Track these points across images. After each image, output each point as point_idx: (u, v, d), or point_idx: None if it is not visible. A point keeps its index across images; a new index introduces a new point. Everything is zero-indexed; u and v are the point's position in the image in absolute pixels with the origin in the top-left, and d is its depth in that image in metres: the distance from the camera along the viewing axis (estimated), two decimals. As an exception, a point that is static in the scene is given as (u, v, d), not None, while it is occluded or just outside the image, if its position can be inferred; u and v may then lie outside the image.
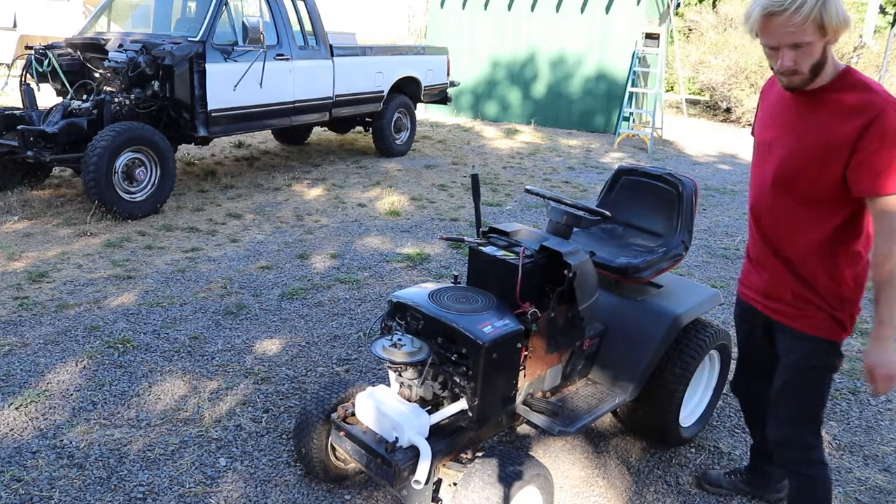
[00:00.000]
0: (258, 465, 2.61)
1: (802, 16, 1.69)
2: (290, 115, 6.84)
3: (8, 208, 5.47)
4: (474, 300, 2.31)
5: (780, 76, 1.85)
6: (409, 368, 2.19)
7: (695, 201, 2.85)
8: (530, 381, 2.43)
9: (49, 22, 12.05)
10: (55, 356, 3.31)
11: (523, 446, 2.82)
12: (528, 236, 2.47)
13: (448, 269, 4.76)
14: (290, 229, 5.46)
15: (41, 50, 5.90)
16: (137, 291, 4.11)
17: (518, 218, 6.15)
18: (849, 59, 12.40)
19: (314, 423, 2.38)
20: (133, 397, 3.01)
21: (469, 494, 2.02)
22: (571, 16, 11.26)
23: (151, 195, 5.50)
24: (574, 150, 9.66)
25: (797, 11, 1.69)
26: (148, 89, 5.74)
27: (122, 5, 7.08)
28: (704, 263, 5.22)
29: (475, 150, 9.25)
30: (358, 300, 4.18)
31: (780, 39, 1.75)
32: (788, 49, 1.76)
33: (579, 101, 11.49)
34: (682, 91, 13.75)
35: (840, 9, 1.72)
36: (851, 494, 2.66)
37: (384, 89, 7.98)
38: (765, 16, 1.74)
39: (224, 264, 4.64)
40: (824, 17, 1.69)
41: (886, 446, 3.00)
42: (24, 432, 2.72)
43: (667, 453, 2.85)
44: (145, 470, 2.55)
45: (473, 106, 12.39)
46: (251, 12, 6.38)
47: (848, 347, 3.93)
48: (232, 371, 3.28)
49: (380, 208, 6.19)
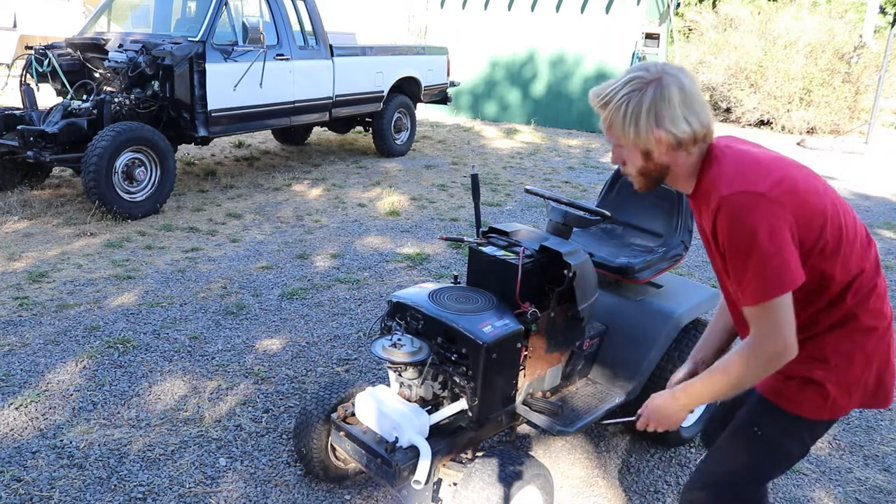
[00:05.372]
0: (258, 465, 2.61)
1: (605, 114, 1.53)
2: (290, 115, 6.84)
3: (8, 208, 5.47)
4: (474, 300, 2.31)
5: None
6: (409, 368, 2.19)
7: (695, 201, 2.84)
8: (530, 381, 2.44)
9: (49, 22, 12.05)
10: (55, 356, 3.31)
11: (523, 446, 2.82)
12: (528, 236, 2.47)
13: (448, 269, 4.75)
14: (290, 229, 5.46)
15: (41, 50, 5.90)
16: (137, 291, 4.11)
17: (518, 218, 6.14)
18: (849, 58, 12.40)
19: (314, 423, 2.38)
20: (133, 397, 3.01)
21: (469, 494, 2.02)
22: (571, 16, 11.26)
23: (151, 195, 5.50)
24: (574, 150, 9.66)
25: (603, 108, 1.53)
26: (148, 89, 5.74)
27: (122, 5, 7.08)
28: (704, 263, 5.22)
29: (475, 150, 9.24)
30: (358, 300, 4.18)
31: (605, 131, 1.58)
32: (614, 144, 1.58)
33: (579, 101, 11.48)
34: (682, 91, 13.73)
35: (656, 121, 1.47)
36: (851, 494, 2.66)
37: (384, 89, 7.97)
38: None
39: (224, 264, 4.64)
40: (626, 124, 1.49)
41: (886, 446, 3.00)
42: (24, 432, 2.72)
43: (667, 453, 2.85)
44: (145, 470, 2.55)
45: (473, 106, 12.39)
46: (251, 12, 6.38)
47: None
48: (232, 371, 3.28)
49: (380, 208, 6.18)
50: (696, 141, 1.51)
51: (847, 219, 1.54)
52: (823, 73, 12.34)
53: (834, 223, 1.50)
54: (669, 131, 1.47)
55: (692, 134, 1.49)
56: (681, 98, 1.47)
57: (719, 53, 13.59)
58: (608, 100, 1.51)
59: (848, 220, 1.55)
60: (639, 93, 1.48)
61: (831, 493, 2.67)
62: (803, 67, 12.40)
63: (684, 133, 1.48)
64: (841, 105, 12.34)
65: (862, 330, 1.54)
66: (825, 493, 2.66)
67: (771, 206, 1.41)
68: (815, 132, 12.50)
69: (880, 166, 9.81)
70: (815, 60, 12.39)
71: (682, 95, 1.47)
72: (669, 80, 1.47)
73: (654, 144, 1.50)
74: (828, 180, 6.64)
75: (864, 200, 7.63)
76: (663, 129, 1.47)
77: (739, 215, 1.42)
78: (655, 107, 1.46)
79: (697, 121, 1.49)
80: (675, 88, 1.47)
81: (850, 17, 14.04)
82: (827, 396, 1.54)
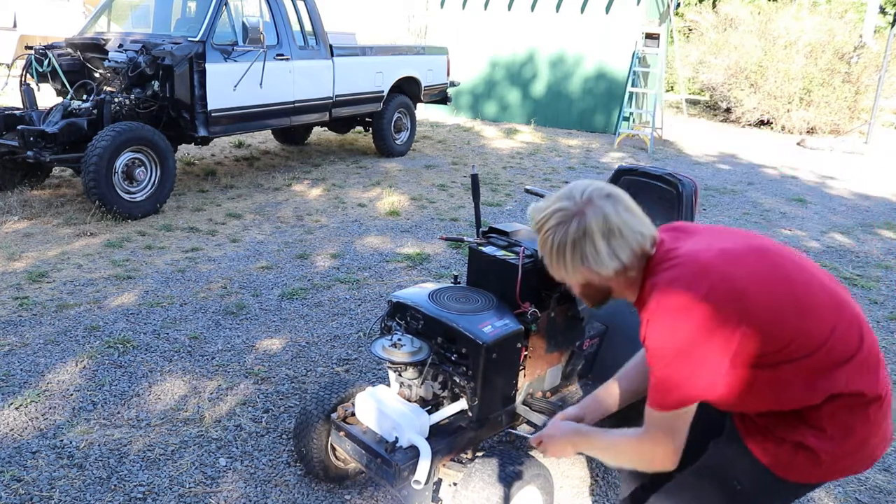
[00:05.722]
0: (258, 465, 2.61)
1: (539, 239, 1.50)
2: (290, 115, 6.84)
3: (8, 208, 5.47)
4: (474, 300, 2.31)
5: None
6: (409, 368, 2.19)
7: (695, 201, 2.85)
8: (530, 381, 2.44)
9: (49, 22, 12.05)
10: (55, 356, 3.31)
11: (523, 446, 2.82)
12: (528, 236, 2.47)
13: (448, 269, 4.76)
14: (290, 229, 5.46)
15: (41, 50, 5.90)
16: (137, 291, 4.11)
17: (518, 218, 6.14)
18: (849, 58, 12.41)
19: (314, 423, 2.37)
20: (133, 397, 3.01)
21: (469, 494, 2.02)
22: (571, 16, 11.26)
23: (151, 195, 5.50)
24: (574, 150, 9.66)
25: (538, 232, 1.51)
26: (148, 89, 5.74)
27: (122, 5, 7.08)
28: (704, 263, 5.21)
29: (475, 150, 9.24)
30: (358, 300, 4.18)
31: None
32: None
33: (579, 100, 11.49)
34: (682, 91, 13.75)
35: (581, 259, 1.43)
36: (851, 494, 2.66)
37: (384, 89, 7.98)
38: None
39: (224, 264, 4.64)
40: (555, 260, 1.47)
41: (886, 446, 3.00)
42: (24, 432, 2.72)
43: (667, 453, 2.84)
44: (145, 470, 2.55)
45: (473, 106, 12.39)
46: (251, 12, 6.38)
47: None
48: (232, 371, 3.28)
49: (380, 208, 6.19)
50: (629, 268, 1.46)
51: (841, 317, 1.43)
52: (823, 73, 12.35)
53: (812, 327, 1.39)
54: (595, 271, 1.45)
55: (622, 266, 1.45)
56: (605, 231, 1.41)
57: (719, 53, 13.60)
58: (539, 227, 1.49)
59: (843, 317, 1.43)
60: (563, 226, 1.44)
61: (831, 493, 2.67)
62: (803, 67, 12.41)
63: (612, 269, 1.44)
64: (841, 105, 12.35)
65: (863, 403, 1.44)
66: (825, 492, 2.66)
67: (697, 316, 1.35)
68: (815, 132, 12.51)
69: (880, 166, 9.81)
70: (815, 60, 12.40)
71: (606, 228, 1.41)
72: (591, 215, 1.42)
73: (585, 278, 1.49)
74: (828, 180, 6.58)
75: (864, 200, 7.63)
76: (588, 268, 1.44)
77: (662, 324, 1.38)
78: (579, 244, 1.42)
79: (627, 250, 1.43)
80: (598, 222, 1.41)
81: (850, 17, 14.05)
82: (819, 463, 1.46)
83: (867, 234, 6.31)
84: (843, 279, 5.02)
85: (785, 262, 1.47)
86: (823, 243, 5.91)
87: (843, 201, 7.53)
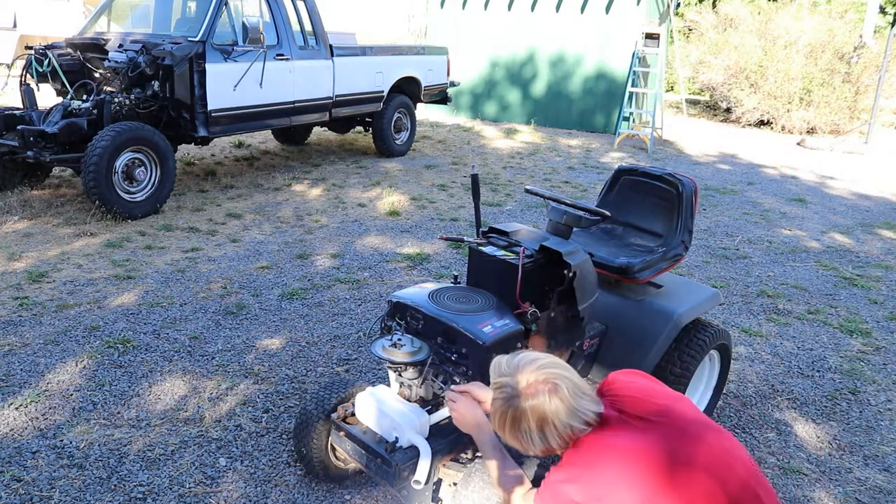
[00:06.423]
0: (258, 465, 2.61)
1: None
2: (290, 115, 6.84)
3: (8, 208, 5.47)
4: (474, 300, 2.31)
5: None
6: (409, 368, 2.19)
7: (695, 201, 2.85)
8: (530, 381, 2.43)
9: (49, 22, 12.05)
10: (55, 356, 3.31)
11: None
12: (528, 236, 2.47)
13: (448, 269, 4.76)
14: (290, 229, 5.46)
15: (41, 50, 5.90)
16: (137, 291, 4.11)
17: (518, 218, 6.15)
18: (849, 58, 12.41)
19: (314, 423, 2.37)
20: (133, 397, 3.01)
21: (469, 494, 2.02)
22: (571, 16, 11.26)
23: (151, 195, 5.50)
24: (574, 150, 9.66)
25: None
26: (148, 89, 5.74)
27: (122, 5, 7.08)
28: (704, 263, 5.22)
29: (475, 150, 9.25)
30: (358, 300, 4.18)
31: None
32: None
33: (579, 100, 11.49)
34: (682, 91, 13.75)
35: (514, 438, 1.55)
36: (851, 494, 2.66)
37: (384, 89, 7.98)
38: None
39: (224, 264, 4.64)
40: (497, 426, 1.58)
41: (886, 446, 3.00)
42: (24, 432, 2.72)
43: (667, 453, 2.84)
44: (145, 470, 2.55)
45: (473, 106, 12.39)
46: (251, 12, 6.38)
47: (848, 348, 3.93)
48: (232, 371, 3.28)
49: (380, 208, 6.19)
50: (560, 445, 1.54)
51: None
52: (823, 73, 12.35)
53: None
54: (524, 447, 1.56)
55: (548, 448, 1.54)
56: (537, 418, 1.50)
57: (719, 53, 13.60)
58: (492, 387, 1.60)
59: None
60: (503, 402, 1.54)
61: (831, 493, 2.67)
62: (803, 67, 12.41)
63: (539, 450, 1.54)
64: (841, 105, 12.35)
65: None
66: (825, 492, 2.66)
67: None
68: (815, 132, 12.51)
69: (880, 166, 9.81)
70: (815, 60, 12.40)
71: (537, 416, 1.50)
72: (518, 404, 1.51)
73: (517, 444, 1.58)
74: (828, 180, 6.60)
75: (864, 200, 7.63)
76: (519, 442, 1.56)
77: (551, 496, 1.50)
78: (513, 425, 1.53)
79: (556, 435, 1.51)
80: (526, 410, 1.50)
81: (850, 17, 14.04)
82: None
83: (867, 233, 6.31)
84: (843, 279, 5.03)
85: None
86: (823, 243, 5.91)
87: (843, 201, 7.53)
